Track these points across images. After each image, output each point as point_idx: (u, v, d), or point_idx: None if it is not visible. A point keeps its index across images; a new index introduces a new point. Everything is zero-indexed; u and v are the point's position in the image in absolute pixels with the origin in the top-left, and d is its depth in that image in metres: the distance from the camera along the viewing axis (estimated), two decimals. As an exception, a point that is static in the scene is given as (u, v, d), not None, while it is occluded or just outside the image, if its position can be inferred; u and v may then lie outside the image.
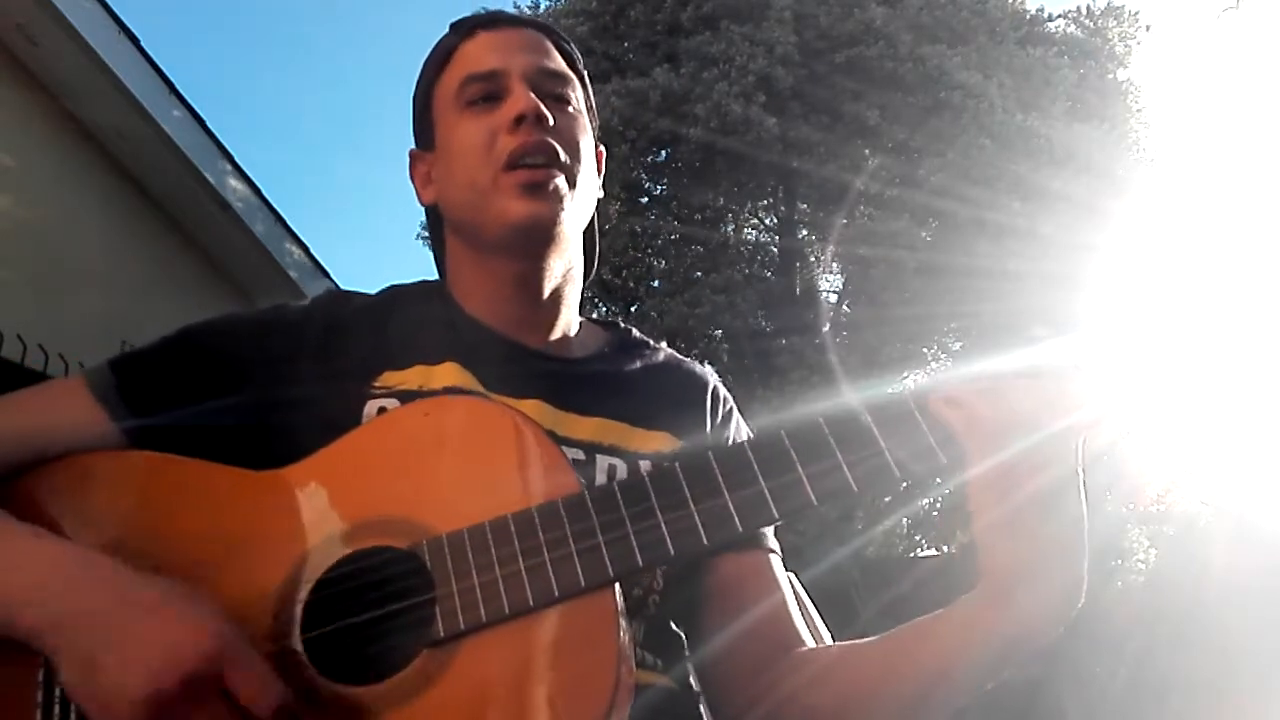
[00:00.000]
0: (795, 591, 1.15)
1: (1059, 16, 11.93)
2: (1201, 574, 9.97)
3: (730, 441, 1.05)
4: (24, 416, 0.93)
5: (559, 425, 0.95)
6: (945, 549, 10.96)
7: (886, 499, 9.48)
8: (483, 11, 1.07)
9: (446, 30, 1.07)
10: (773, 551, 1.02)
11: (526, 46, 1.03)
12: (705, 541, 0.77)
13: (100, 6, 3.29)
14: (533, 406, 0.94)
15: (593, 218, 1.08)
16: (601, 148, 1.10)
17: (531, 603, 0.75)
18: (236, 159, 4.02)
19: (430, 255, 1.15)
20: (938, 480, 0.80)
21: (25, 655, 0.78)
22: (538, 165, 0.96)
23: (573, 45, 1.09)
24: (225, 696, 0.72)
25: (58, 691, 0.78)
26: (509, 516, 0.79)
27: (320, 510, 0.84)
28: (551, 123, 0.97)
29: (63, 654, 0.74)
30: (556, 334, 1.04)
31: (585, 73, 1.09)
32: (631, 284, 10.73)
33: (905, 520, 11.31)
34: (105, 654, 0.73)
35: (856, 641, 0.93)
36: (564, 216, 0.97)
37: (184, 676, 0.71)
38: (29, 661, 0.79)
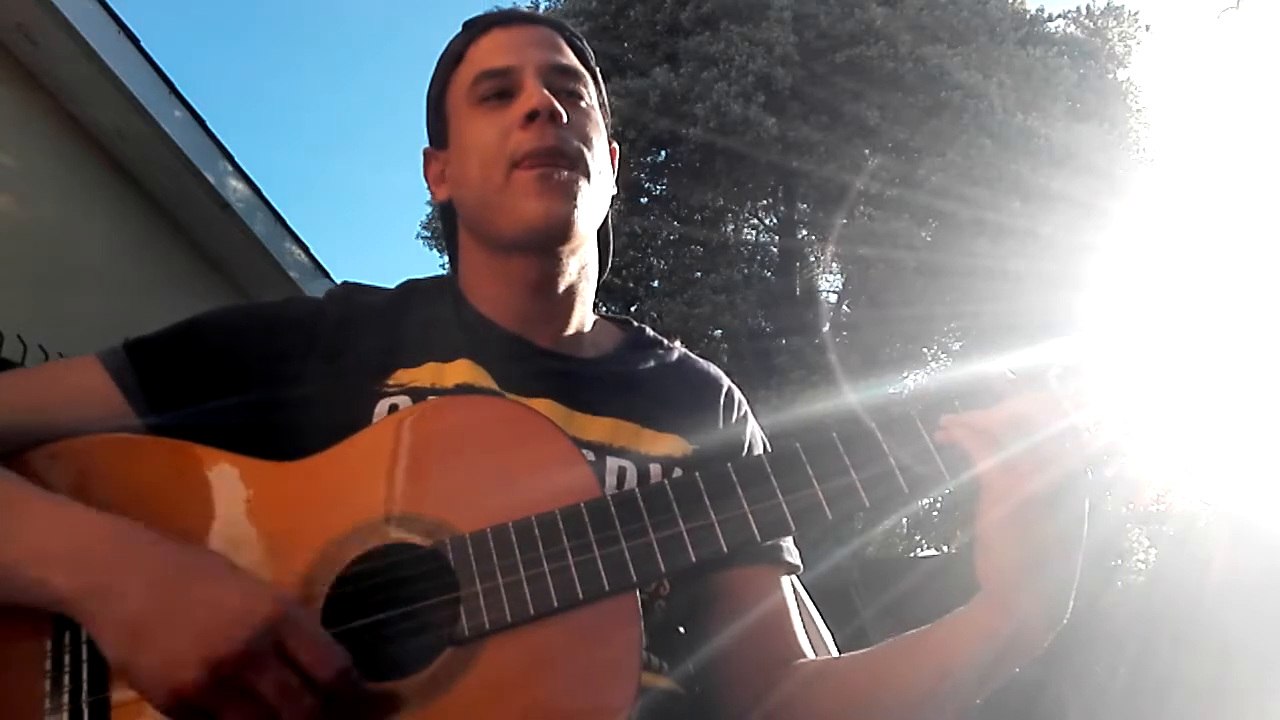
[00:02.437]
0: (805, 608, 1.15)
1: (1059, 16, 11.91)
2: (1201, 574, 9.95)
3: (744, 444, 1.05)
4: (41, 394, 0.93)
5: (569, 425, 0.94)
6: (945, 549, 10.95)
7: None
8: (495, 10, 1.07)
9: (460, 30, 1.07)
10: (790, 568, 1.02)
11: (539, 43, 1.03)
12: (725, 550, 0.79)
13: (100, 6, 3.29)
14: (543, 405, 0.94)
15: (607, 215, 1.08)
16: (615, 145, 1.10)
17: (555, 604, 0.75)
18: (236, 159, 4.02)
19: (431, 255, 1.15)
20: (945, 482, 0.81)
21: (31, 624, 0.77)
22: (551, 162, 0.95)
23: (585, 43, 1.08)
24: (286, 663, 0.71)
25: (66, 660, 0.77)
26: (532, 518, 0.79)
27: (339, 505, 0.83)
28: (565, 119, 0.97)
29: (104, 621, 0.73)
30: (569, 332, 1.04)
31: (598, 70, 1.09)
32: (631, 284, 10.69)
33: (905, 520, 11.30)
34: (155, 620, 0.71)
35: (857, 652, 0.94)
36: (578, 213, 0.97)
37: (242, 642, 0.70)
38: (35, 631, 0.78)
